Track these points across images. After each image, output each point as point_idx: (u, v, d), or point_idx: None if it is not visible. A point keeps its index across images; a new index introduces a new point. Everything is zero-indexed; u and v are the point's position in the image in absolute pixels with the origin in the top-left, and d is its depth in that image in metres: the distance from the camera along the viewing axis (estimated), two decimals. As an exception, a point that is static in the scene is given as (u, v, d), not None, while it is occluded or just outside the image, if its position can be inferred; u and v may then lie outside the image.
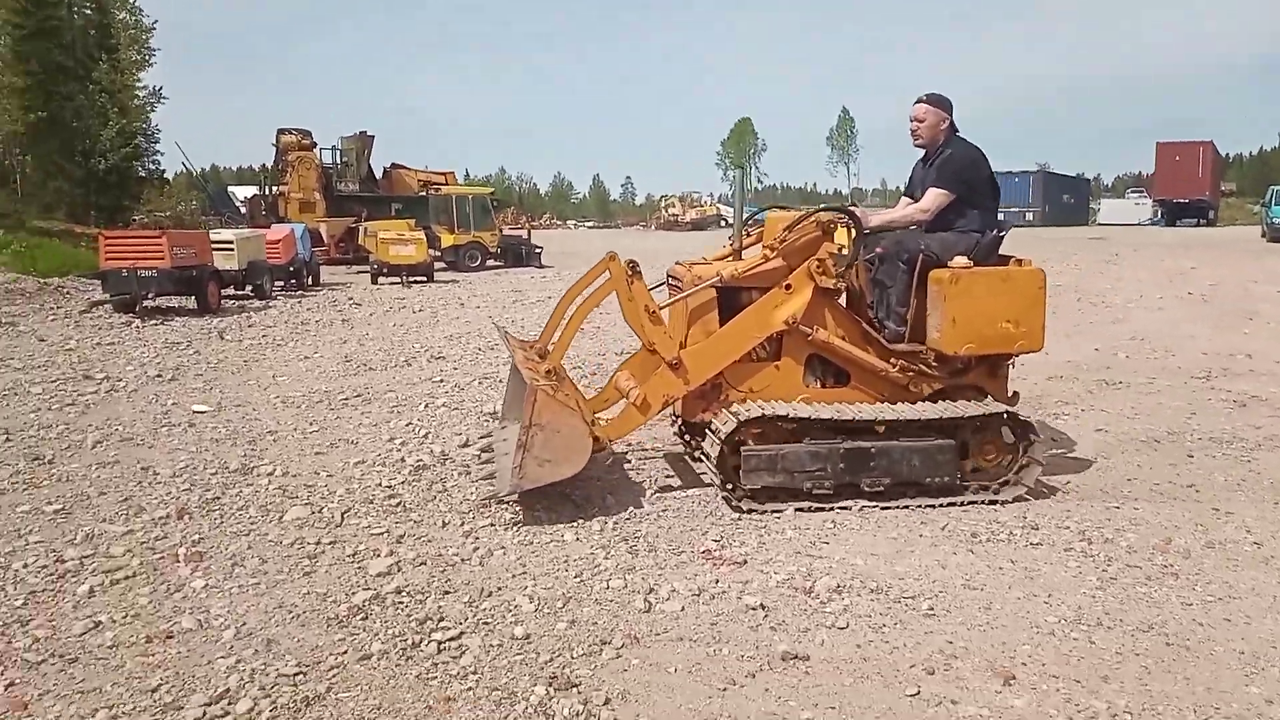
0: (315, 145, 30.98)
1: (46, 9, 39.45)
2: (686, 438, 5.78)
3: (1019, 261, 5.02)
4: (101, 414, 7.55)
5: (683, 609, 3.83)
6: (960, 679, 3.27)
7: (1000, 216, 5.26)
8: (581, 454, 4.44)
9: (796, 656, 3.41)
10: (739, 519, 4.74)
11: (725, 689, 3.22)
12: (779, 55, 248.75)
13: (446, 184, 32.66)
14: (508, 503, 4.81)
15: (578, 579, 4.11)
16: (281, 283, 20.26)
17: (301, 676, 3.29)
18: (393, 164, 33.73)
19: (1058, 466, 5.65)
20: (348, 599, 3.93)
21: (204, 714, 3.04)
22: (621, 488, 5.32)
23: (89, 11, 43.21)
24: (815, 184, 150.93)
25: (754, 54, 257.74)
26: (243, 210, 55.59)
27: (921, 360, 4.95)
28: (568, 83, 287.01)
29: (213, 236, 17.54)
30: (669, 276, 5.53)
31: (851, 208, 5.14)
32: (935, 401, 4.93)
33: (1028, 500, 5.01)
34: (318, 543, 4.57)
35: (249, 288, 18.08)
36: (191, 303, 15.84)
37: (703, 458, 5.03)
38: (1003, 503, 4.90)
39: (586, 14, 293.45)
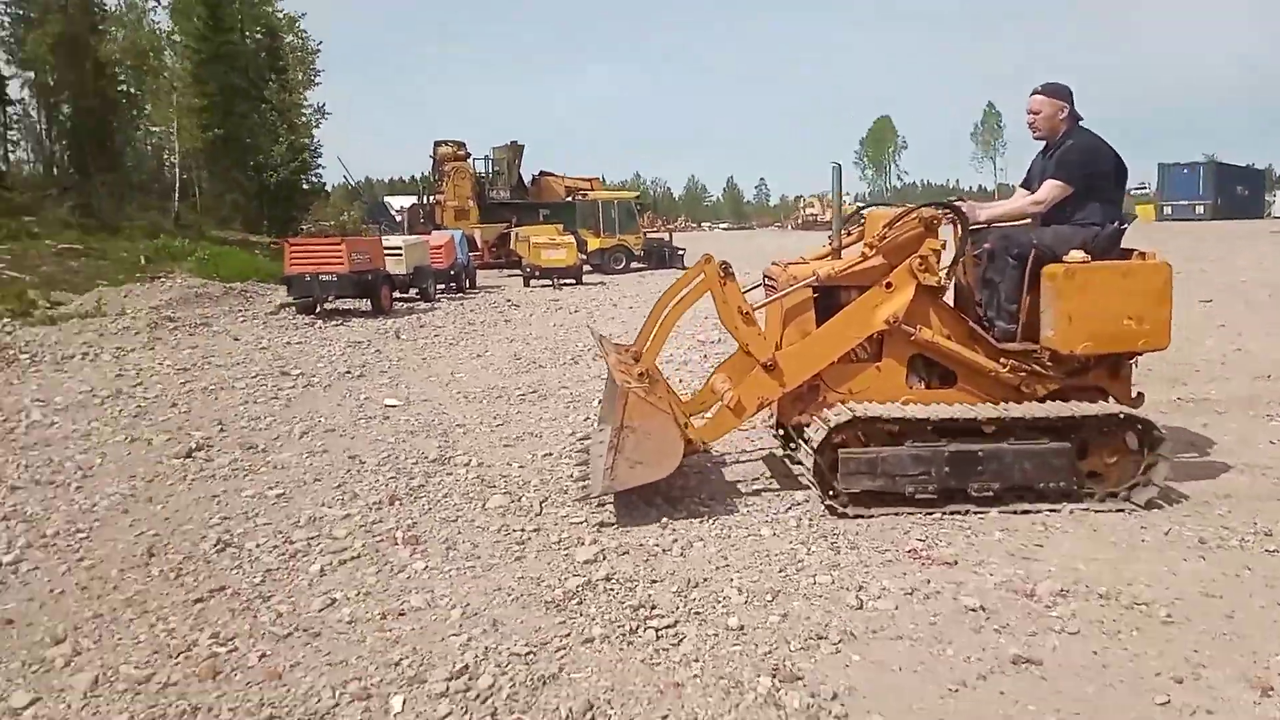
0: (469, 155, 32.18)
1: (223, 35, 42.43)
2: (789, 443, 5.61)
3: (1143, 255, 4.77)
4: (303, 407, 8.06)
5: (896, 608, 3.75)
6: (1212, 688, 3.07)
7: (1125, 209, 5.19)
8: (673, 456, 4.43)
9: (1029, 660, 3.29)
10: (940, 518, 4.62)
11: (956, 690, 3.13)
12: (920, 50, 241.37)
13: (592, 189, 33.29)
14: (597, 501, 4.86)
15: (782, 573, 4.08)
16: (443, 286, 21.12)
17: (532, 656, 3.40)
18: (541, 171, 34.70)
19: (1282, 473, 5.25)
20: (560, 584, 4.03)
21: (447, 688, 3.18)
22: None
23: (260, 36, 46.26)
24: (958, 180, 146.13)
25: (893, 49, 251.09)
26: (398, 219, 58.45)
27: (1035, 360, 4.76)
28: (698, 86, 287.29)
29: (384, 243, 18.47)
30: (765, 277, 5.46)
31: (958, 201, 4.98)
32: (1049, 402, 4.74)
33: (1216, 503, 4.72)
34: (522, 530, 4.72)
35: (414, 291, 18.94)
36: (365, 305, 16.71)
37: (800, 460, 4.94)
38: (1134, 506, 4.65)
39: (716, 12, 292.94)
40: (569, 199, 32.87)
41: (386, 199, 68.59)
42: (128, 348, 11.28)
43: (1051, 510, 4.59)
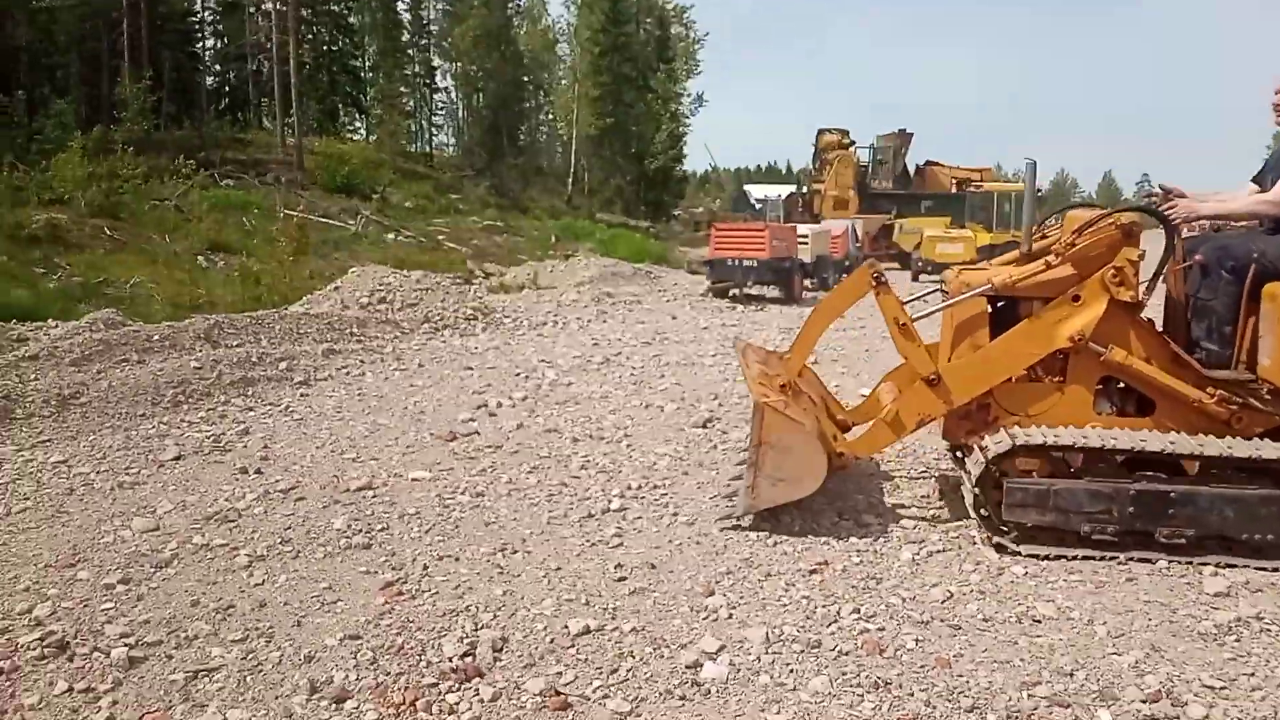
0: (854, 144, 31.36)
1: (620, 26, 45.16)
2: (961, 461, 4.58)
3: None
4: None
5: None
6: None
7: None
8: (817, 472, 4.05)
9: None
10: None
11: None
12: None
13: (983, 180, 31.12)
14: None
15: None
16: (839, 276, 20.56)
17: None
18: (927, 161, 33.02)
19: None
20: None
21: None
22: None
23: (649, 25, 48.70)
24: None
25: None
26: (757, 208, 59.12)
27: (1250, 391, 4.03)
28: (1072, 66, 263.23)
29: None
30: (942, 283, 4.81)
31: (1173, 195, 4.20)
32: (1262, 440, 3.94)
33: None
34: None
35: (812, 280, 18.57)
36: (772, 292, 16.58)
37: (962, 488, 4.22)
38: None
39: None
40: (954, 191, 30.93)
41: (746, 187, 69.78)
42: (585, 319, 11.79)
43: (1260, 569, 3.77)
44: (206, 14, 45.34)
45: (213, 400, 6.27)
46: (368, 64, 48.88)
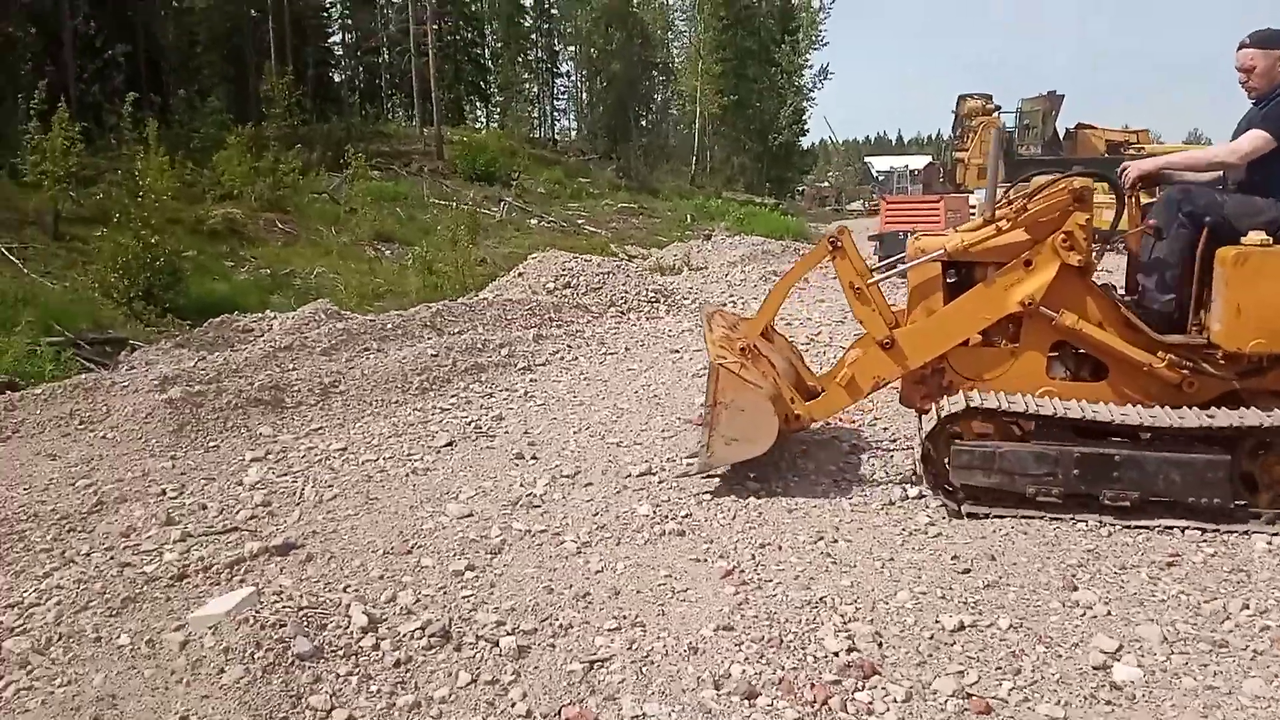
0: (999, 109, 30.08)
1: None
2: None
3: None
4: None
5: None
6: None
7: None
8: (768, 432, 4.12)
9: None
10: None
11: None
12: None
13: (1140, 144, 29.40)
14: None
15: None
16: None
17: None
18: (1078, 124, 31.38)
19: None
20: None
21: None
22: None
23: (775, -1, 47.91)
24: None
25: None
26: (879, 178, 57.63)
27: (1202, 356, 4.04)
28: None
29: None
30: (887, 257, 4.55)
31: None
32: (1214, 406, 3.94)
33: None
34: None
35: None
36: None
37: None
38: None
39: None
40: (1107, 155, 29.31)
41: (867, 159, 68.17)
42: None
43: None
44: (336, 9, 46.87)
45: (453, 386, 6.38)
46: (487, 52, 49.69)
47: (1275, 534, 3.73)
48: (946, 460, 4.00)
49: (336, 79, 45.74)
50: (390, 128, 35.86)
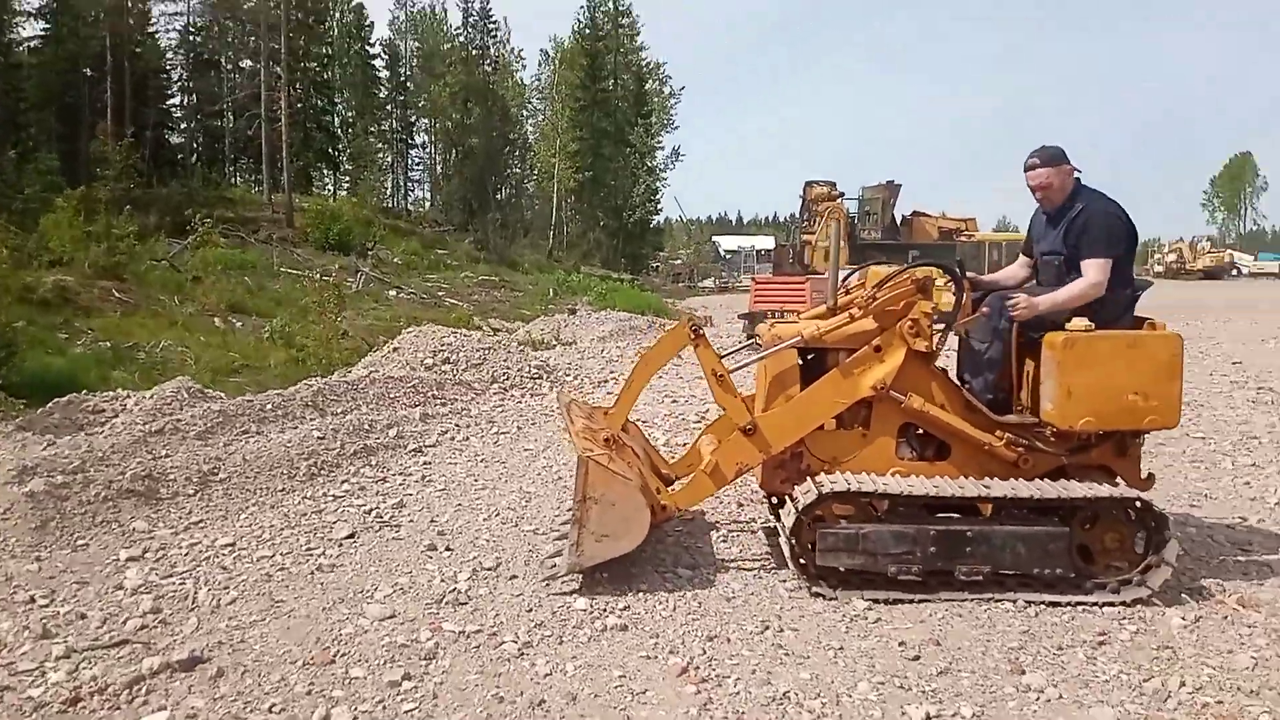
0: (842, 195, 31.84)
1: (600, 83, 45.78)
2: (777, 510, 4.73)
3: (1153, 325, 4.36)
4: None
5: None
6: None
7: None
8: (640, 526, 4.02)
9: None
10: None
11: None
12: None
13: (967, 230, 31.75)
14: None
15: None
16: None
17: None
18: (914, 211, 33.62)
19: None
20: None
21: None
22: None
23: (625, 81, 49.37)
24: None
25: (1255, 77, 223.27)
26: (726, 257, 59.65)
27: (1035, 434, 4.30)
28: (1017, 114, 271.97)
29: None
30: (754, 337, 4.91)
31: (1015, 299, 4.37)
32: (1050, 480, 4.17)
33: None
34: None
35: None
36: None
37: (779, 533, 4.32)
38: (1121, 604, 3.95)
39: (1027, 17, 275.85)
40: (940, 241, 31.51)
41: (715, 238, 70.59)
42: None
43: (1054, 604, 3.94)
44: (178, 71, 44.99)
45: (343, 471, 6.00)
46: (338, 121, 48.79)
47: (1121, 602, 3.95)
48: (812, 546, 4.05)
49: (175, 141, 43.76)
50: (235, 193, 34.46)
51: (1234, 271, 61.34)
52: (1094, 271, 4.35)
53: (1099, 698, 3.17)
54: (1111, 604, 3.95)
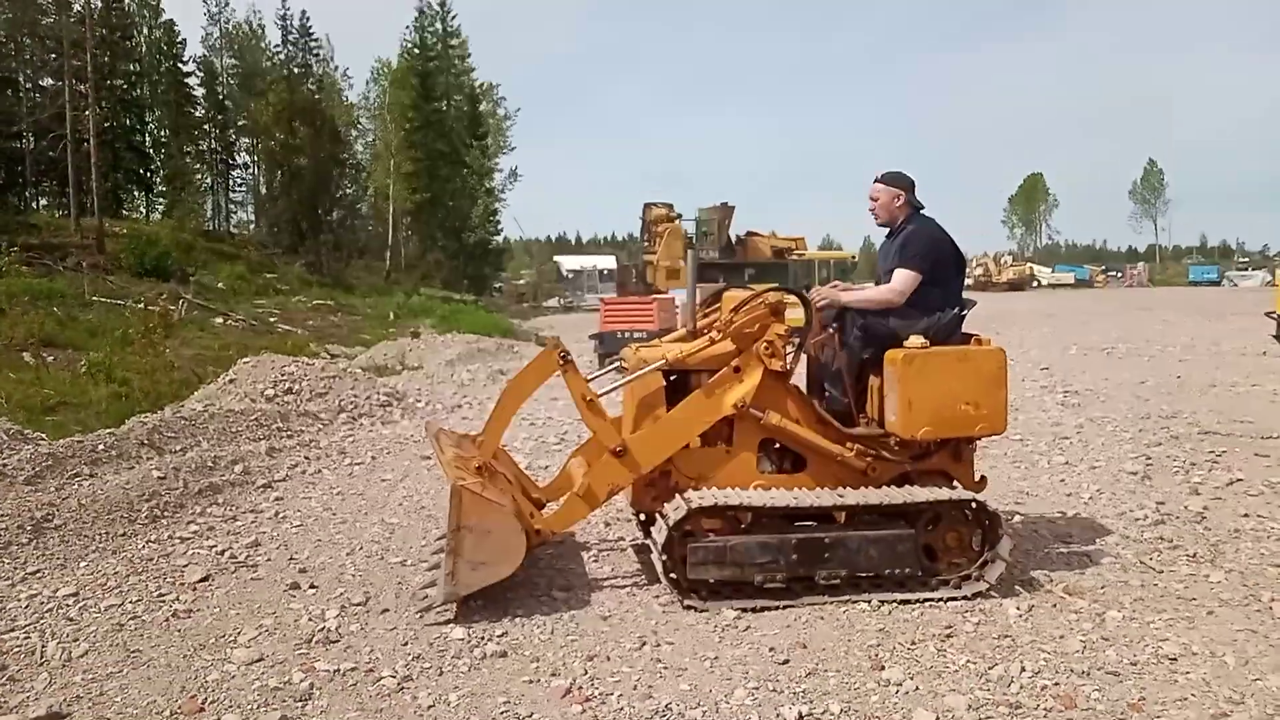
0: (680, 216, 32.63)
1: (432, 104, 45.06)
2: (648, 528, 4.97)
3: (979, 340, 4.76)
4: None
5: None
6: None
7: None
8: (516, 552, 4.07)
9: None
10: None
11: None
12: (1072, 103, 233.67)
13: (797, 249, 33.19)
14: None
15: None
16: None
17: None
18: (747, 231, 34.79)
19: None
20: None
21: None
22: None
23: (457, 100, 48.85)
24: (1105, 241, 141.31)
25: (1045, 103, 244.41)
26: (568, 277, 59.84)
27: (881, 444, 4.66)
28: (828, 136, 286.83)
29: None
30: (618, 360, 5.21)
31: (832, 286, 4.96)
32: (894, 487, 4.56)
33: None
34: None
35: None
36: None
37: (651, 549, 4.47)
38: (964, 598, 4.31)
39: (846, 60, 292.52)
40: (774, 259, 32.79)
41: (557, 258, 70.66)
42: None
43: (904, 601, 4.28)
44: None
45: (188, 511, 5.72)
46: (150, 140, 45.94)
47: (964, 597, 4.30)
48: (683, 560, 4.20)
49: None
50: (38, 219, 31.85)
51: (1034, 283, 67.00)
52: (899, 280, 4.73)
53: (951, 687, 3.44)
54: (955, 599, 4.29)
